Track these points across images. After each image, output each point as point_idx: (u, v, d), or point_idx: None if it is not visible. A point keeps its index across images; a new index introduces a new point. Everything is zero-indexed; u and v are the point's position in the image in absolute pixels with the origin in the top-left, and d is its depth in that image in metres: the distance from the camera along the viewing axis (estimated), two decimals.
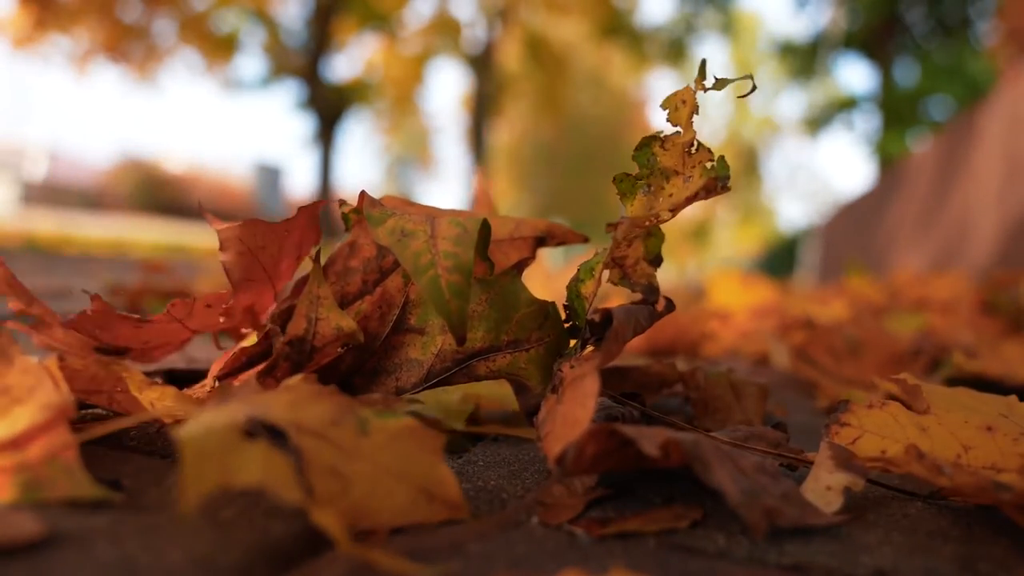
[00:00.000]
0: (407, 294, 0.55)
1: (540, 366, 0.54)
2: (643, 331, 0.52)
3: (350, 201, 0.55)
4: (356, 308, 0.56)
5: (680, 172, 0.50)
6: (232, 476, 0.30)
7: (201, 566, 0.31)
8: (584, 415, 0.39)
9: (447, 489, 0.37)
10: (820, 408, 0.89)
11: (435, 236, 0.46)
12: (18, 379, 0.39)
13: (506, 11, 13.21)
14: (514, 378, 0.54)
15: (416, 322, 0.55)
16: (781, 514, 0.38)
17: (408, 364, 0.54)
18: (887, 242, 5.19)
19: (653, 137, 0.51)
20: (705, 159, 0.49)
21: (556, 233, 0.63)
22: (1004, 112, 3.41)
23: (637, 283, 0.54)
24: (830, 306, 1.97)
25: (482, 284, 0.53)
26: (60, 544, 0.32)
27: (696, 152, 0.50)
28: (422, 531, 0.38)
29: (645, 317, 0.52)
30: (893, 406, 0.48)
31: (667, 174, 0.51)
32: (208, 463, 0.30)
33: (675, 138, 0.50)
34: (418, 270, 0.45)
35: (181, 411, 0.47)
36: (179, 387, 0.52)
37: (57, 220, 11.78)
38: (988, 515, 0.44)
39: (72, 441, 0.37)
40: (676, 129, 0.50)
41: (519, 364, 0.53)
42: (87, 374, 0.47)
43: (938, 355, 1.12)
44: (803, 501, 0.41)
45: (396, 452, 0.37)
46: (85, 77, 11.65)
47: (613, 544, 0.37)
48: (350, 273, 0.57)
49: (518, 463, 0.51)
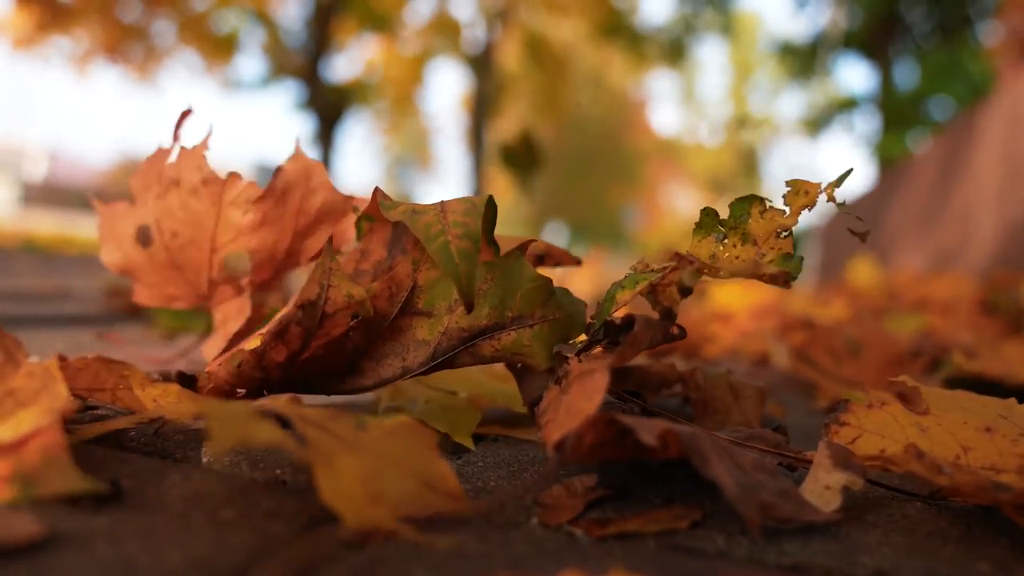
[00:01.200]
0: (415, 279, 0.55)
1: (544, 343, 0.54)
2: (656, 346, 0.53)
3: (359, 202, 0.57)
4: (366, 286, 0.56)
5: (759, 245, 0.51)
6: (251, 436, 0.32)
7: (201, 567, 0.31)
8: (589, 407, 0.39)
9: (447, 481, 0.39)
10: (820, 408, 0.89)
11: (445, 211, 0.49)
12: (23, 382, 0.40)
13: (506, 11, 13.22)
14: (519, 358, 0.54)
15: (424, 305, 0.55)
16: (777, 510, 0.38)
17: (415, 345, 0.55)
18: (887, 243, 5.20)
19: (758, 198, 0.51)
20: (786, 248, 0.50)
21: (553, 254, 0.65)
22: (1004, 113, 3.41)
23: (660, 303, 0.54)
24: (830, 306, 1.97)
25: (488, 265, 0.55)
26: (60, 544, 0.32)
27: (783, 238, 0.50)
28: (421, 532, 0.38)
29: (660, 335, 0.52)
30: (892, 406, 0.49)
31: (746, 238, 0.51)
32: (231, 424, 0.32)
33: (777, 215, 0.51)
34: (429, 238, 0.47)
35: (183, 409, 0.47)
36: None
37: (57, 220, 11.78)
38: (988, 516, 0.44)
39: (62, 437, 0.37)
40: (782, 208, 0.51)
41: (523, 341, 0.54)
42: (90, 373, 0.47)
43: (938, 356, 1.12)
44: (800, 498, 0.41)
45: (394, 446, 0.38)
46: (85, 78, 11.64)
47: (613, 545, 0.37)
48: (361, 275, 0.58)
49: (518, 464, 0.52)
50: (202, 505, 0.39)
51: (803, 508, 0.40)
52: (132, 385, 0.48)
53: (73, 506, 0.36)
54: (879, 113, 12.17)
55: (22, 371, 0.40)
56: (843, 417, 0.48)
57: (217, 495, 0.40)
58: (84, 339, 1.06)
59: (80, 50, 11.05)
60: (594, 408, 0.39)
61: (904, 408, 0.48)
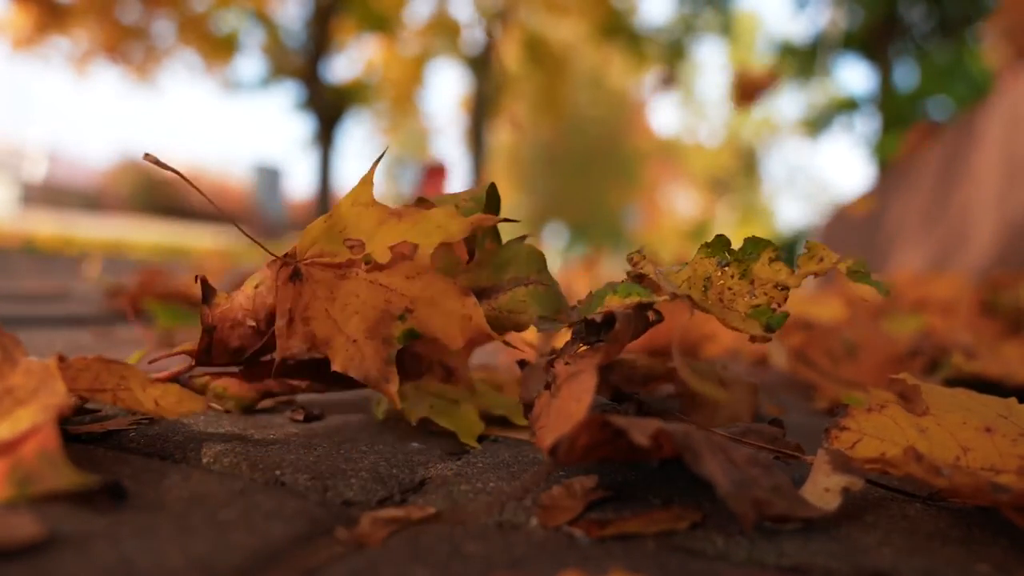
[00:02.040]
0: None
1: (538, 302, 0.57)
2: (638, 337, 0.53)
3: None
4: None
5: (752, 290, 0.51)
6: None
7: (200, 568, 0.31)
8: (580, 409, 0.39)
9: (477, 316, 0.52)
10: (818, 409, 0.89)
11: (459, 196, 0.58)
12: (22, 380, 0.40)
13: (505, 12, 13.21)
14: (513, 317, 0.56)
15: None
16: (772, 506, 0.38)
17: None
18: (886, 243, 5.19)
19: (774, 247, 0.52)
20: (778, 301, 0.50)
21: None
22: (1004, 113, 3.41)
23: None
24: (828, 307, 1.97)
25: (493, 234, 0.60)
26: (60, 545, 0.32)
27: (779, 291, 0.51)
28: (421, 532, 0.38)
29: (641, 325, 0.53)
30: (892, 408, 0.49)
31: (746, 275, 0.52)
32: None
33: (783, 271, 0.51)
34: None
35: (184, 407, 0.47)
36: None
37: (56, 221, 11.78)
38: (987, 517, 0.44)
39: (56, 433, 0.37)
40: (791, 266, 0.51)
41: (518, 298, 0.57)
42: (91, 373, 0.47)
43: (937, 356, 1.12)
44: (794, 494, 0.40)
45: (438, 290, 0.52)
46: (84, 78, 11.63)
47: (612, 545, 0.37)
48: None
49: (517, 465, 0.52)
50: (202, 505, 0.39)
51: (798, 504, 0.40)
52: (132, 385, 0.48)
53: (73, 506, 0.36)
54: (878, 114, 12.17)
55: (20, 369, 0.40)
56: (843, 422, 0.48)
57: (217, 495, 0.41)
58: (84, 339, 1.06)
59: (79, 50, 11.05)
60: (584, 410, 0.39)
61: (904, 410, 0.48)
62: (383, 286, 0.52)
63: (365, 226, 0.52)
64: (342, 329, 0.52)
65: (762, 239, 0.52)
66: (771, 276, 0.51)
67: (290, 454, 0.49)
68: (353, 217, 0.52)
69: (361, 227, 0.52)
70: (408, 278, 0.52)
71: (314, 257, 0.53)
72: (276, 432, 0.56)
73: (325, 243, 0.53)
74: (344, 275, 0.53)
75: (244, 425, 0.57)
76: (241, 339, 0.55)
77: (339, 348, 0.52)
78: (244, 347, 0.56)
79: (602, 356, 0.45)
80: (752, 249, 0.52)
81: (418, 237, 0.51)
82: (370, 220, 0.52)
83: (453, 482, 0.46)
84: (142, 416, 0.55)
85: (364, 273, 0.52)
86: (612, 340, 0.47)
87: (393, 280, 0.52)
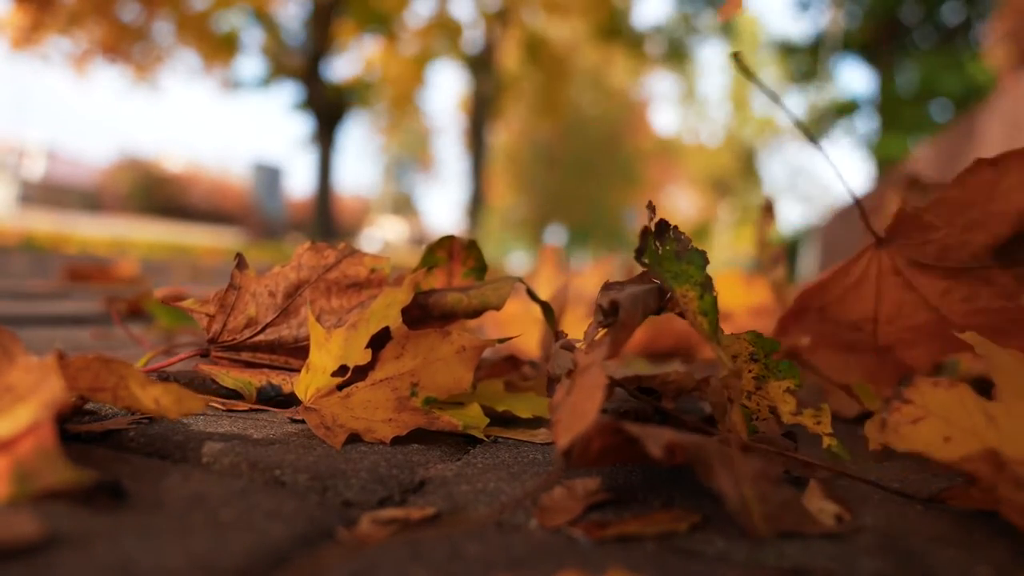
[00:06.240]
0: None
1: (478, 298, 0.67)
2: (652, 312, 0.53)
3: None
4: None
5: (767, 399, 0.53)
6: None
7: (200, 567, 0.31)
8: (592, 407, 0.39)
9: (467, 382, 0.57)
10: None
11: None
12: (21, 377, 0.39)
13: (506, 12, 13.21)
14: (487, 300, 0.67)
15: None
16: (779, 521, 0.39)
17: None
18: None
19: (797, 381, 0.53)
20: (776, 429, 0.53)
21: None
22: (1004, 114, 3.41)
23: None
24: None
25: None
26: (60, 545, 0.32)
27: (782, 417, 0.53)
28: (421, 532, 0.38)
29: (654, 298, 0.52)
30: (961, 387, 0.43)
31: (760, 384, 0.53)
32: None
33: (791, 405, 0.53)
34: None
35: (184, 407, 0.47)
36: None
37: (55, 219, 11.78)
38: (988, 519, 0.44)
39: (53, 429, 0.37)
40: (804, 415, 0.53)
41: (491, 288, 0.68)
42: (91, 373, 0.47)
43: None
44: (802, 509, 0.41)
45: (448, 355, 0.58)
46: (84, 77, 11.61)
47: (612, 547, 0.37)
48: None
49: (517, 465, 0.51)
50: (202, 505, 0.39)
51: (804, 520, 0.40)
52: (132, 385, 0.48)
53: (73, 506, 0.36)
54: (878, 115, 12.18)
55: (19, 366, 0.40)
56: (907, 393, 0.44)
57: (217, 495, 0.40)
58: (83, 339, 1.06)
59: (79, 50, 11.04)
60: (596, 407, 0.39)
61: (974, 392, 0.43)
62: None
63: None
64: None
65: (793, 367, 0.53)
66: (784, 404, 0.53)
67: (290, 454, 0.49)
68: None
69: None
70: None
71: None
72: (276, 432, 0.56)
73: None
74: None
75: (244, 425, 0.57)
76: (258, 308, 0.65)
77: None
78: (258, 319, 0.64)
79: (609, 348, 0.45)
80: (785, 373, 0.53)
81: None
82: None
83: (453, 483, 0.46)
84: (142, 415, 0.55)
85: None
86: (619, 327, 0.46)
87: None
